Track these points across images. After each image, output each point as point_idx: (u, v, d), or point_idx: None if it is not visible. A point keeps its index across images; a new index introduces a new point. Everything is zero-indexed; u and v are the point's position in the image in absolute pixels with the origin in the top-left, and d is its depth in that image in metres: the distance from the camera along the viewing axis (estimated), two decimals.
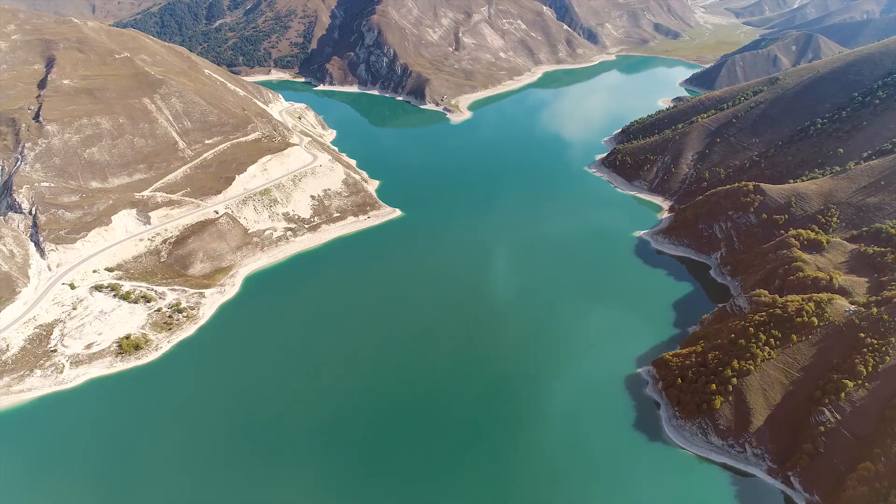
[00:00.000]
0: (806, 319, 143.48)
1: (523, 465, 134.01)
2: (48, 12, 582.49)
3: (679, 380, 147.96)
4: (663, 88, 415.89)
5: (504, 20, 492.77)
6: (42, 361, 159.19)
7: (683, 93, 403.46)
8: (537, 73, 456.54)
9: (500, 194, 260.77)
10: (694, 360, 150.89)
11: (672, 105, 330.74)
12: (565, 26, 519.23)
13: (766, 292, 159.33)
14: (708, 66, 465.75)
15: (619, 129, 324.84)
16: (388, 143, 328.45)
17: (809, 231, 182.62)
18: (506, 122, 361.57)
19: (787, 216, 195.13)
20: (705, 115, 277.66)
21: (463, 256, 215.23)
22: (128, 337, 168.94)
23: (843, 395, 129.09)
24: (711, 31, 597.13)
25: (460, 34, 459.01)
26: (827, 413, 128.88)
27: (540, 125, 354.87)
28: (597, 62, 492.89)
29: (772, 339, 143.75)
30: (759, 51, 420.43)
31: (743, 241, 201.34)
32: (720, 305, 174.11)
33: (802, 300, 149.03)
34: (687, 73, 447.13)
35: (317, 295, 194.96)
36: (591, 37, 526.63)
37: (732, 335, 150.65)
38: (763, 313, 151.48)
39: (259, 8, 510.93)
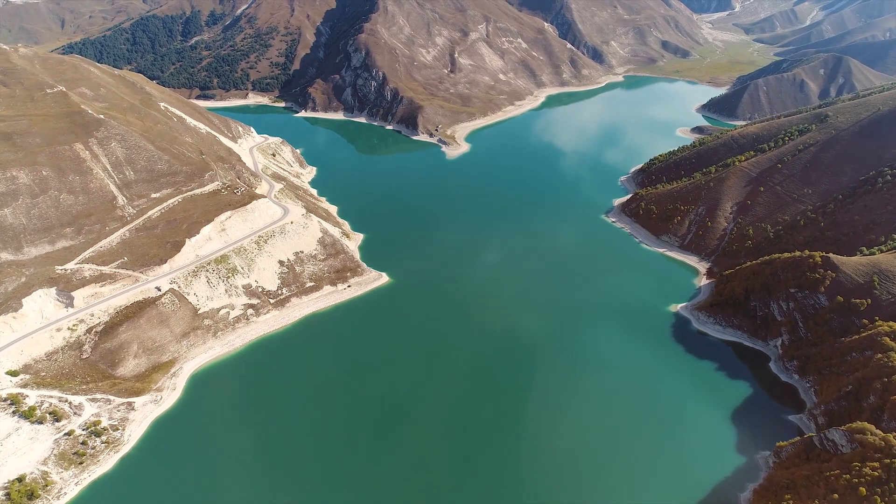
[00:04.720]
0: None
1: None
2: (14, 29, 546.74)
3: None
4: (679, 115, 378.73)
5: (503, 39, 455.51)
6: None
7: (702, 121, 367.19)
8: (540, 97, 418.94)
9: (504, 251, 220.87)
10: None
11: (696, 140, 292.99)
12: (569, 45, 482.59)
13: (872, 428, 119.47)
14: (724, 88, 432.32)
15: (639, 167, 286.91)
16: (375, 183, 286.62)
17: None
18: (508, 156, 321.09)
19: (869, 301, 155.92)
20: (742, 158, 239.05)
21: (464, 340, 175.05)
22: (21, 479, 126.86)
23: None
24: (722, 48, 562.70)
25: (456, 54, 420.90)
26: None
27: (547, 160, 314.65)
28: (603, 83, 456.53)
29: None
30: (783, 74, 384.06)
31: (811, 329, 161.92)
32: (805, 434, 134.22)
33: None
34: (702, 97, 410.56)
35: (282, 396, 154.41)
36: (597, 56, 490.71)
37: (835, 494, 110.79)
38: (875, 463, 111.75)
39: (238, 24, 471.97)
